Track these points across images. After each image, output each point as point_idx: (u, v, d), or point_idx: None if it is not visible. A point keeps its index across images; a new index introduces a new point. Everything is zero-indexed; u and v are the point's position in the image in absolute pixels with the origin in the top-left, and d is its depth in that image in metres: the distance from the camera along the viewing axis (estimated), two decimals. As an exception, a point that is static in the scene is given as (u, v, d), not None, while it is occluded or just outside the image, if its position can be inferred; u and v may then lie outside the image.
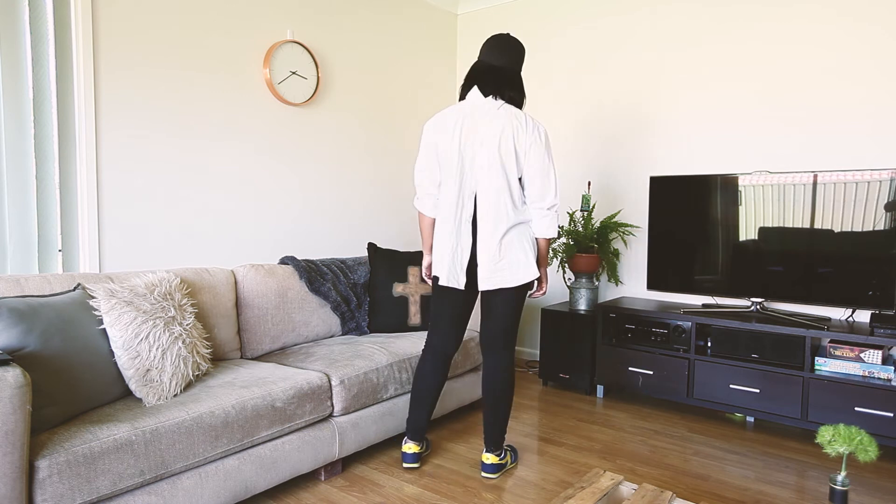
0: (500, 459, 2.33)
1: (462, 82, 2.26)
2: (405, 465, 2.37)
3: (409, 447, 2.36)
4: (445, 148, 2.20)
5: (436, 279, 2.33)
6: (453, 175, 2.19)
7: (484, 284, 2.20)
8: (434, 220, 2.33)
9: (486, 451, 2.32)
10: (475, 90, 2.19)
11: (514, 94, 2.20)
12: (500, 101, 2.18)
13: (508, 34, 2.24)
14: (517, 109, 2.19)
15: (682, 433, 2.84)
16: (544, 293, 2.37)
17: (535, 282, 2.32)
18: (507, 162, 2.15)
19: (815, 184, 2.82)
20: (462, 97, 2.25)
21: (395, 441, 2.68)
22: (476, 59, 2.25)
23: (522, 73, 4.13)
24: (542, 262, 2.29)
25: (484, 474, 2.32)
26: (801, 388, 2.73)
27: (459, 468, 2.40)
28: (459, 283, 2.23)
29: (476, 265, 2.23)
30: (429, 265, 2.44)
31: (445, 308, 2.32)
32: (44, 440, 1.53)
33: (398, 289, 2.96)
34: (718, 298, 3.36)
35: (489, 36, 2.26)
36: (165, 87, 2.76)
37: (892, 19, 2.85)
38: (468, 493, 2.20)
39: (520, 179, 2.20)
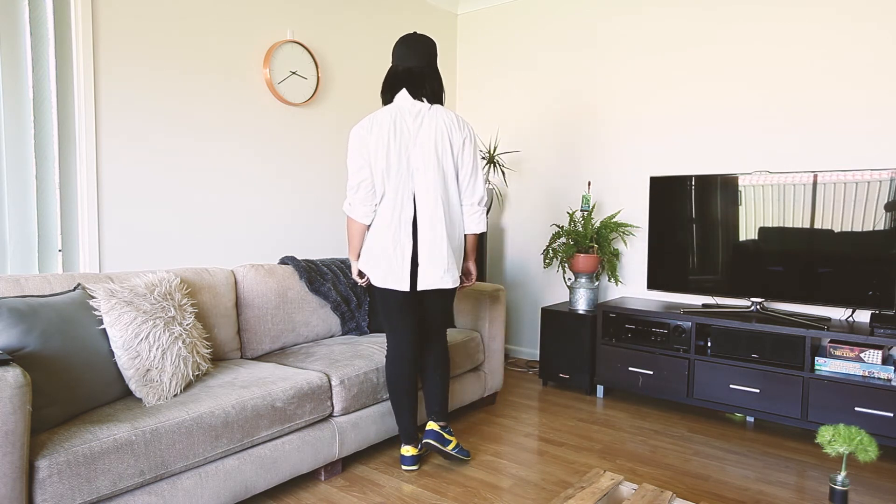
0: (443, 431, 2.35)
1: (382, 87, 2.30)
2: (404, 468, 2.37)
3: (407, 450, 2.37)
4: (378, 152, 2.19)
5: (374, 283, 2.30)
6: (390, 178, 2.20)
7: (424, 284, 2.23)
8: (366, 226, 2.28)
9: (432, 420, 2.37)
10: (403, 93, 2.23)
11: (439, 92, 2.28)
12: (429, 102, 2.24)
13: (416, 33, 2.29)
14: (446, 109, 2.25)
15: (682, 433, 2.84)
16: (473, 283, 2.54)
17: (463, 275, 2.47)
18: (445, 160, 2.21)
19: (815, 184, 2.82)
20: (387, 101, 2.28)
21: (394, 441, 2.68)
22: (392, 64, 2.30)
23: (520, 71, 4.13)
24: (470, 255, 2.40)
25: (426, 440, 2.34)
26: (801, 388, 2.73)
27: (459, 468, 2.40)
28: (403, 285, 2.22)
29: (415, 265, 2.25)
30: (360, 271, 2.38)
31: (395, 310, 2.31)
32: (44, 440, 1.53)
33: (398, 289, 2.96)
34: (718, 298, 3.36)
35: (399, 38, 2.36)
36: (165, 87, 2.76)
37: (891, 19, 2.85)
38: (468, 492, 2.20)
39: (456, 177, 2.28)
